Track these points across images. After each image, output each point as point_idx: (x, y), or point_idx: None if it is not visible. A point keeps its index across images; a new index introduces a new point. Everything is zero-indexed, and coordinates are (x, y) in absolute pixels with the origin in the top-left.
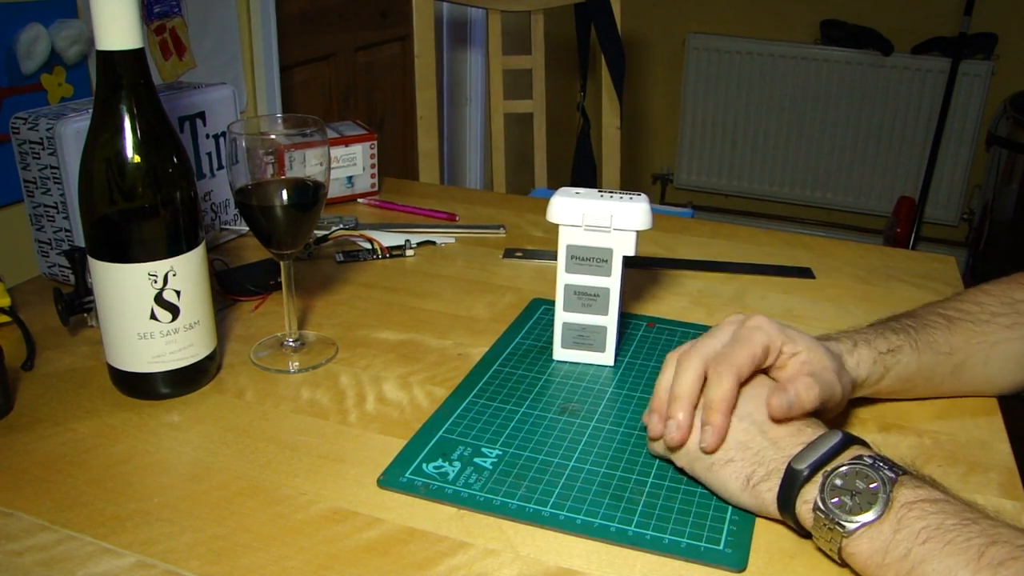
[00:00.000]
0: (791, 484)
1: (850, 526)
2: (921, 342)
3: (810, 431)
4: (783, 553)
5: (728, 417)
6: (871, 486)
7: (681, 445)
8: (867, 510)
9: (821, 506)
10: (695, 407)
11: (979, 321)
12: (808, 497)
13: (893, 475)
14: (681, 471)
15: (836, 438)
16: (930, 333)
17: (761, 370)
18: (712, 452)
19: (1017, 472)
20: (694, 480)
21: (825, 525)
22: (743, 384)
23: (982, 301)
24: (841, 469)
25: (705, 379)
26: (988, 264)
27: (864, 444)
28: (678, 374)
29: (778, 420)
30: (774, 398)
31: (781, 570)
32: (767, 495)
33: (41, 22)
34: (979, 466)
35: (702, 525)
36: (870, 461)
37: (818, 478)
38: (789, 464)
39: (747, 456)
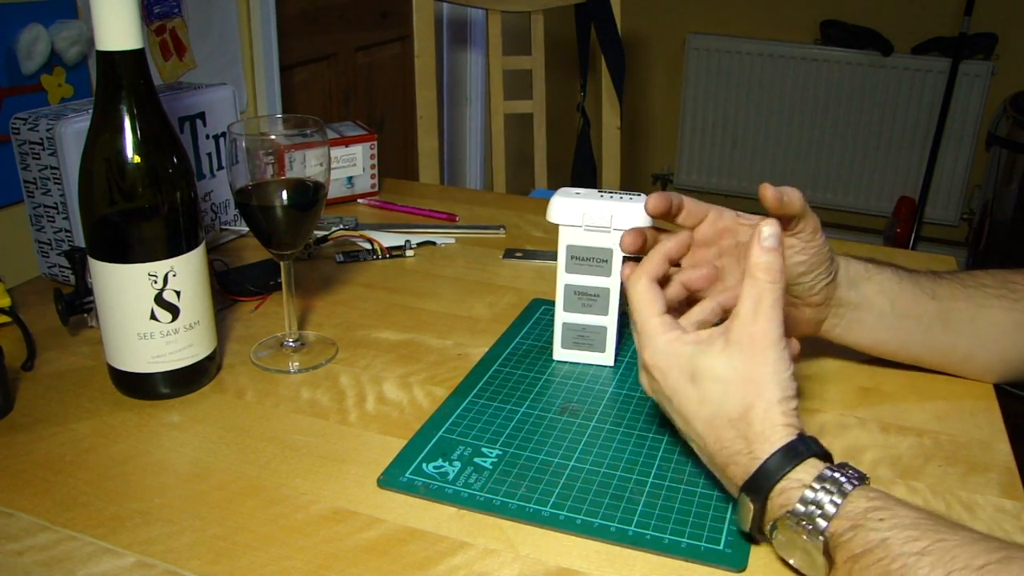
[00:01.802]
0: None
1: None
2: (903, 274)
3: (741, 465)
4: None
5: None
6: (808, 545)
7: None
8: (815, 570)
9: (785, 555)
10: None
11: (966, 285)
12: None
13: (824, 525)
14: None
15: (749, 509)
16: (914, 274)
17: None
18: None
19: (1017, 472)
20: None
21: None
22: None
23: (974, 273)
24: (779, 527)
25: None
26: (988, 264)
27: (807, 457)
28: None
29: (774, 210)
30: (768, 189)
31: (781, 570)
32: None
33: (41, 22)
34: (979, 466)
35: (702, 525)
36: (801, 510)
37: (767, 532)
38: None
39: (719, 453)
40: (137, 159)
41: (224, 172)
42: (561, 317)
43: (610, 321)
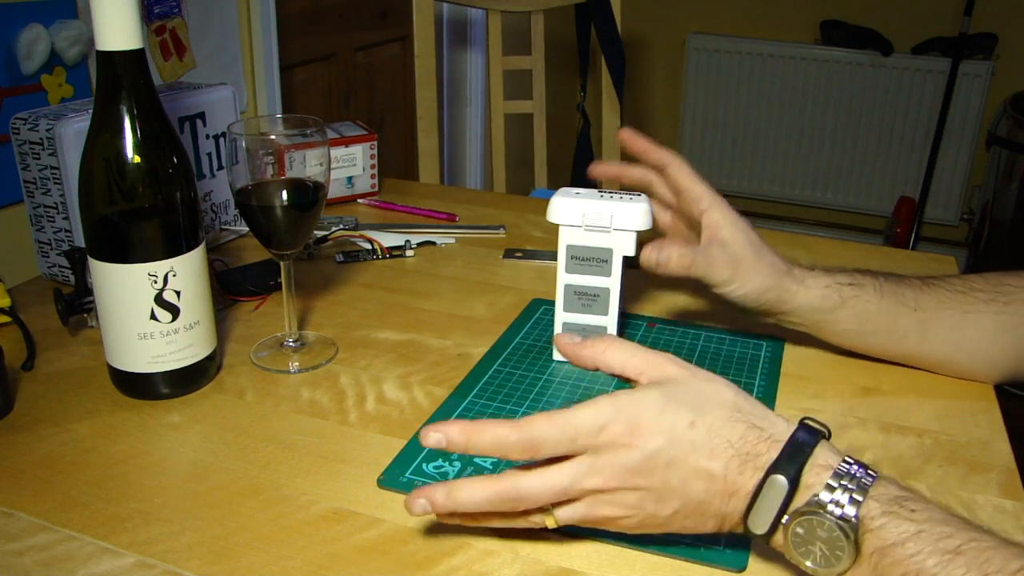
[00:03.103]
0: (759, 542)
1: None
2: (887, 289)
3: (749, 474)
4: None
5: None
6: (832, 535)
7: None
8: (836, 563)
9: (794, 558)
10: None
11: (955, 290)
12: (780, 548)
13: (852, 515)
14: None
15: (782, 489)
16: (900, 286)
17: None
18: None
19: (1017, 472)
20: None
21: (805, 573)
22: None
23: (967, 278)
24: (798, 519)
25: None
26: (988, 264)
27: (816, 448)
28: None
29: (647, 269)
30: (650, 250)
31: (781, 570)
32: (745, 532)
33: (41, 22)
34: (979, 466)
35: None
36: (827, 498)
37: (780, 532)
38: (746, 526)
39: (707, 512)
40: (137, 159)
41: (224, 172)
42: (561, 317)
43: (610, 321)
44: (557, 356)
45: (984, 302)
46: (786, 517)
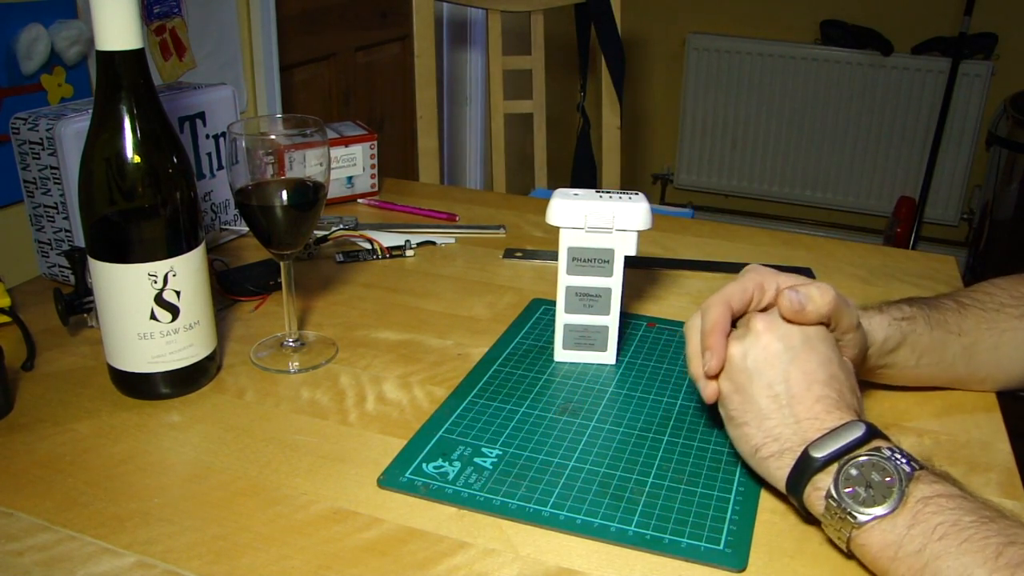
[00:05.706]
0: (804, 469)
1: (862, 517)
2: (933, 319)
3: (837, 415)
4: (783, 553)
5: (722, 339)
6: (887, 479)
7: (719, 369)
8: (881, 503)
9: (834, 495)
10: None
11: (989, 309)
12: (820, 484)
13: (910, 469)
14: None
15: (860, 431)
16: (942, 312)
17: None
18: (713, 375)
19: (1017, 472)
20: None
21: (836, 514)
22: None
23: (991, 292)
24: (858, 459)
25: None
26: (988, 264)
27: (887, 438)
28: (704, 316)
29: (788, 319)
30: (784, 296)
31: (781, 570)
32: (776, 472)
33: (41, 22)
34: (979, 466)
35: (702, 525)
36: (888, 454)
37: (833, 467)
38: (806, 450)
39: (763, 427)
40: (137, 159)
41: (224, 172)
42: (562, 319)
43: (612, 320)
44: (557, 356)
45: (1016, 318)
46: (842, 460)
